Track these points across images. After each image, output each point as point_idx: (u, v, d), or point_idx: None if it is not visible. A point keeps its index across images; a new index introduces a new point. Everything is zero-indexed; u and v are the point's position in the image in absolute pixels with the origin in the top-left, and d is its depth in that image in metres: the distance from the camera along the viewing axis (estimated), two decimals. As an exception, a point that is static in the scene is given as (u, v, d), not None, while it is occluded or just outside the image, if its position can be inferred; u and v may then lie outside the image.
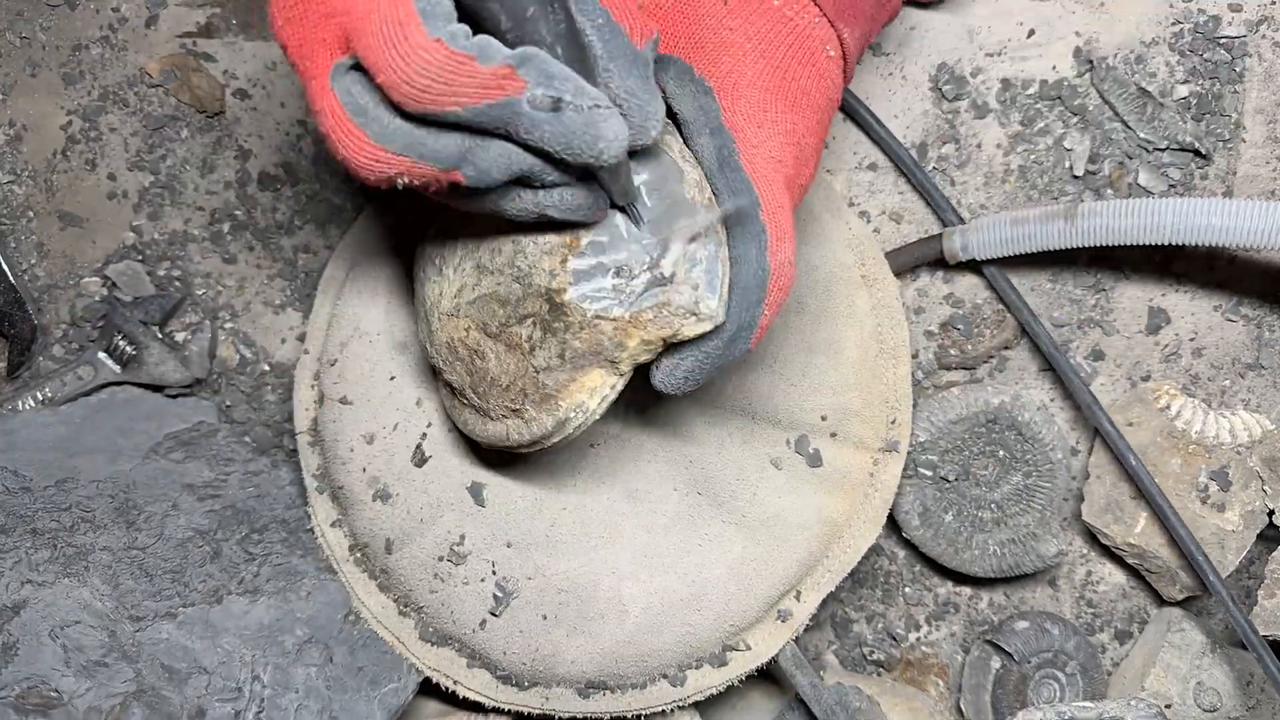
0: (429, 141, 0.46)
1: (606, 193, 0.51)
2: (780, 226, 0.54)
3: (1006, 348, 0.80)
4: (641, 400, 0.70)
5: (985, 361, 0.80)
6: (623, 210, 0.53)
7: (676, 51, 0.55)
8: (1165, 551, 0.77)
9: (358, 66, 0.45)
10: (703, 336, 0.54)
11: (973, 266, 0.78)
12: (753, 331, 0.55)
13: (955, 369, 0.81)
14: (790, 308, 0.71)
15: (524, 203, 0.50)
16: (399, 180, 0.47)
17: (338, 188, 0.80)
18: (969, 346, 0.80)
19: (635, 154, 0.52)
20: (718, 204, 0.54)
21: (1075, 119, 0.77)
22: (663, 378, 0.56)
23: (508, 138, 0.46)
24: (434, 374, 0.63)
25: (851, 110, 0.77)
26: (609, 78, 0.48)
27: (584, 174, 0.50)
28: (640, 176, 0.53)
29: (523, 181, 0.49)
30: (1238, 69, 0.75)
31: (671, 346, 0.55)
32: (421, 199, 0.52)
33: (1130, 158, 0.77)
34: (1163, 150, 0.76)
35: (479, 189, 0.48)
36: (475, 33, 0.45)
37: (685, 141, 0.55)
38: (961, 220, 0.77)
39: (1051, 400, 0.81)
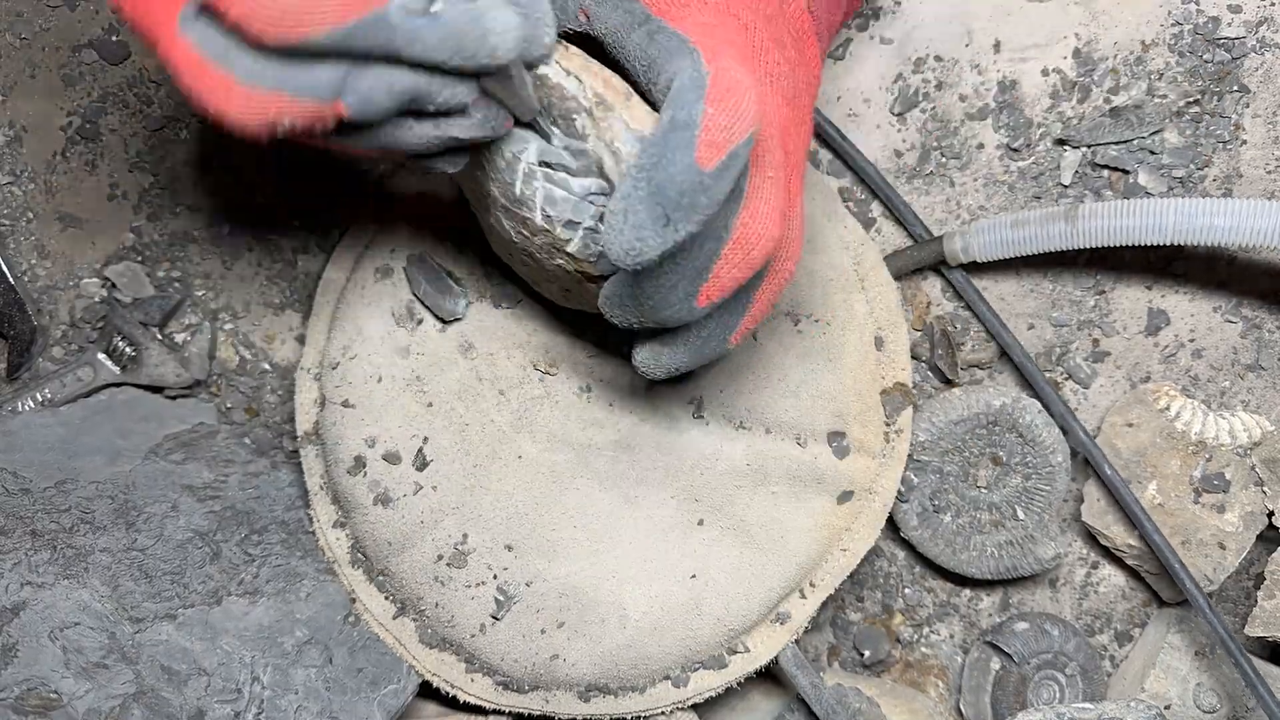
0: (301, 74, 0.41)
1: (507, 110, 0.46)
2: (716, 48, 0.47)
3: (979, 366, 0.80)
4: (641, 405, 0.70)
5: (960, 369, 0.80)
6: (529, 126, 0.48)
7: None
8: (1165, 553, 0.77)
9: (206, 10, 0.41)
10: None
11: (953, 280, 0.79)
12: (692, 131, 0.45)
13: (923, 362, 0.81)
14: (789, 312, 0.71)
15: (423, 132, 0.45)
16: (280, 123, 0.42)
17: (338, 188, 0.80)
18: (948, 350, 0.80)
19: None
20: (638, 66, 0.49)
21: (1075, 121, 0.77)
22: (607, 224, 0.47)
23: (389, 59, 0.41)
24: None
25: (821, 131, 0.78)
26: None
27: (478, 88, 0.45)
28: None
29: (414, 111, 0.44)
30: (1237, 70, 0.75)
31: None
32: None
33: (1127, 165, 0.77)
34: (1160, 151, 0.76)
35: (370, 123, 0.44)
36: None
37: (615, 50, 0.50)
38: (929, 233, 0.78)
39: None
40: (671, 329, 0.54)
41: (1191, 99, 0.76)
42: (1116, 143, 0.76)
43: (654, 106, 0.50)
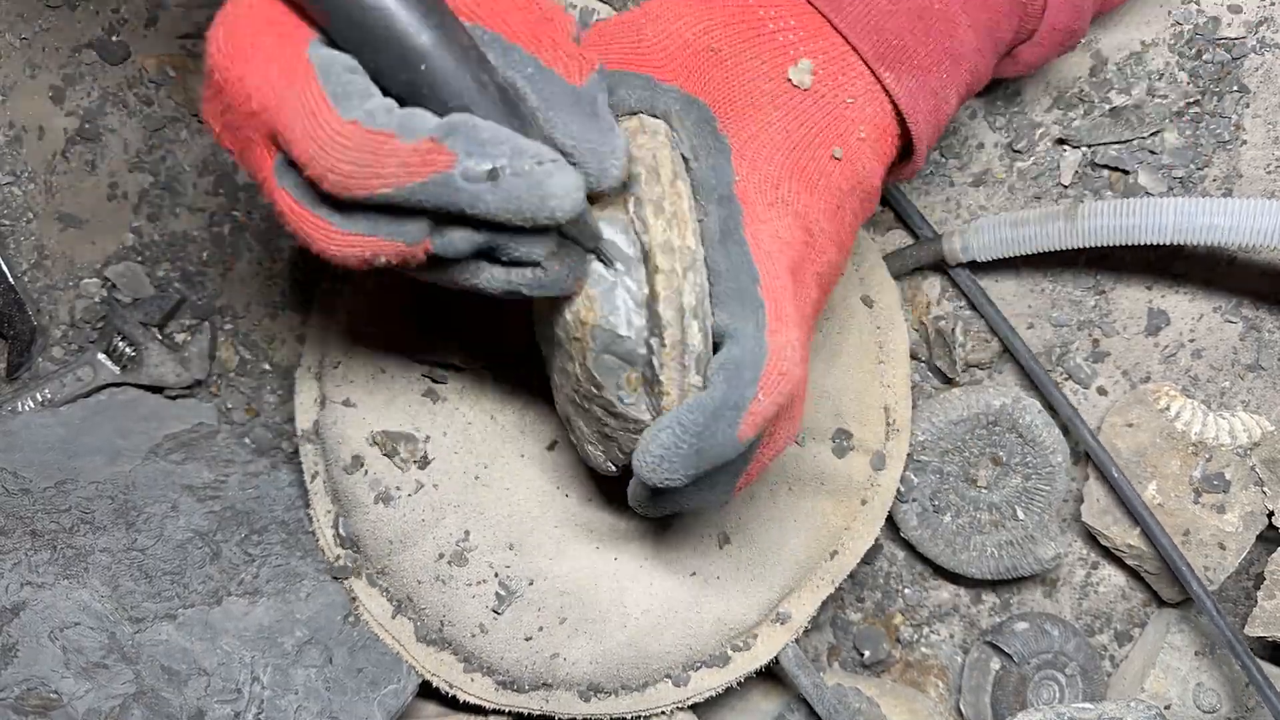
0: (393, 224, 0.44)
1: (574, 241, 0.48)
2: (780, 306, 0.50)
3: (979, 366, 0.80)
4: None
5: (960, 370, 0.80)
6: (593, 253, 0.50)
7: (705, 96, 0.52)
8: (1165, 553, 0.77)
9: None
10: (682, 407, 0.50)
11: (959, 280, 0.78)
12: (740, 413, 0.48)
13: (923, 362, 0.81)
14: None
15: (496, 278, 0.47)
16: (377, 261, 0.45)
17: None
18: (947, 351, 0.80)
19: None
20: (711, 279, 0.51)
21: (1075, 121, 0.77)
22: (640, 457, 0.50)
23: (460, 215, 0.43)
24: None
25: None
26: (551, 128, 0.45)
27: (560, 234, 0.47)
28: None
29: (491, 255, 0.46)
30: (1237, 70, 0.75)
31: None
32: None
33: (1127, 165, 0.77)
34: (1160, 151, 0.76)
35: (451, 261, 0.46)
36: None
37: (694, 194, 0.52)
38: (934, 232, 0.78)
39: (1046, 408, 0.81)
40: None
41: (1192, 99, 0.76)
42: (1117, 143, 0.76)
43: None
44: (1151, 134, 0.76)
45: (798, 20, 0.54)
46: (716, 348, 0.51)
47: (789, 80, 0.53)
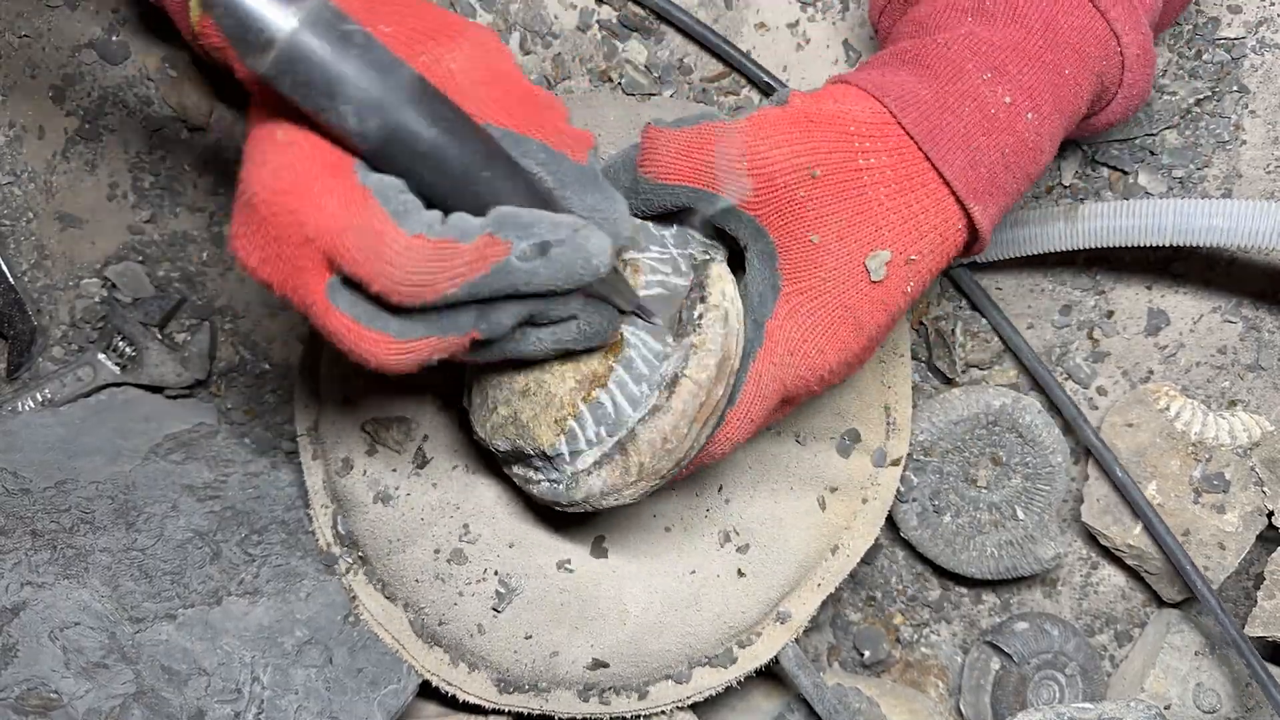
0: (446, 320, 0.48)
1: (611, 304, 0.54)
2: (739, 427, 0.57)
3: (979, 366, 0.80)
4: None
5: (960, 370, 0.80)
6: (635, 314, 0.56)
7: (778, 236, 0.56)
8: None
9: (348, 280, 0.47)
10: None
11: (960, 280, 0.78)
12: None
13: (923, 362, 0.81)
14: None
15: (542, 344, 0.53)
16: (431, 361, 0.49)
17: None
18: (947, 351, 0.80)
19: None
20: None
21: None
22: None
23: (508, 294, 0.48)
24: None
25: None
26: (569, 203, 0.51)
27: (586, 294, 0.52)
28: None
29: (531, 320, 0.51)
30: (1237, 70, 0.75)
31: None
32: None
33: (1127, 165, 0.77)
34: (1160, 151, 0.76)
35: (495, 339, 0.51)
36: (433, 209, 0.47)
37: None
38: None
39: (1048, 407, 0.81)
40: None
41: (1203, 95, 0.76)
42: (1120, 140, 0.76)
43: None
44: (1160, 130, 0.76)
45: (892, 161, 0.56)
46: None
47: (862, 260, 0.56)
